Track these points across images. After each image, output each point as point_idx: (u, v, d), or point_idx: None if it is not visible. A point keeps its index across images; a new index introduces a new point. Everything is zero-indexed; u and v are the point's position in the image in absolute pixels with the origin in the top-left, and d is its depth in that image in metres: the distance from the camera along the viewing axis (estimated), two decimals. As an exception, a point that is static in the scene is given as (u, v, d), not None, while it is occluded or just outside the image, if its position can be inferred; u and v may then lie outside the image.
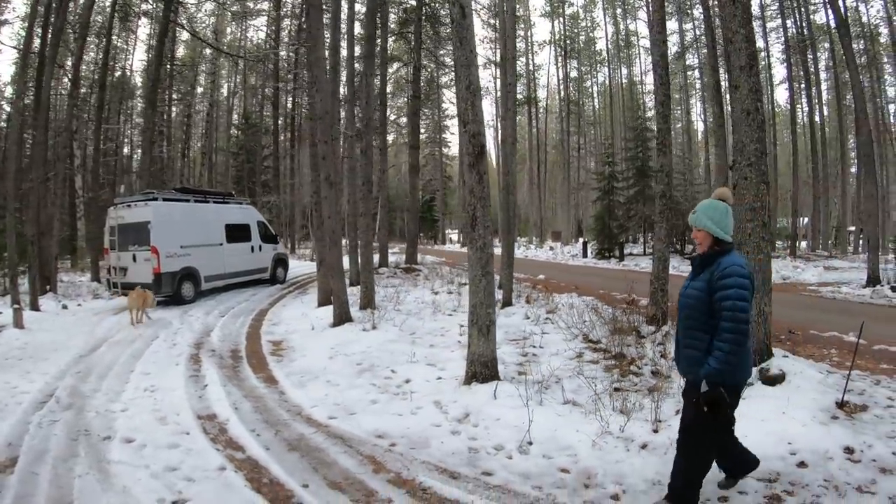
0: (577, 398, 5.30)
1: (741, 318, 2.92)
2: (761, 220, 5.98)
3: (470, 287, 5.90)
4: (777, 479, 3.77)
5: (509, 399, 5.22)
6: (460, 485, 3.84)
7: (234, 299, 13.63)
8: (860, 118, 16.91)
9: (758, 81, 6.14)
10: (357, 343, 8.17)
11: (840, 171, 31.47)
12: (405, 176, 47.46)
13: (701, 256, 3.22)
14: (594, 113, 49.05)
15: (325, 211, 10.35)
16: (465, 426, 4.85)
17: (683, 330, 3.28)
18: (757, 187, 5.93)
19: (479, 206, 5.68)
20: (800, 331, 8.75)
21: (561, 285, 15.76)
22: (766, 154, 6.10)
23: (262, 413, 5.40)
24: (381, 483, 3.88)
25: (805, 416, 4.57)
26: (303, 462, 4.25)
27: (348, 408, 5.44)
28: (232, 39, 40.09)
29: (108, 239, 13.23)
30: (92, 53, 29.40)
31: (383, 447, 4.50)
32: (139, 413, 5.33)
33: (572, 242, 41.85)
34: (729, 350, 2.93)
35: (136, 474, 4.01)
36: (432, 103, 40.49)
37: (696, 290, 3.16)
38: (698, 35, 31.63)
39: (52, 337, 9.26)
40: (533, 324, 9.23)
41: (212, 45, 31.02)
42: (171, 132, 35.94)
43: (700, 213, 3.20)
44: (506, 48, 11.66)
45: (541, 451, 4.29)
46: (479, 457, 4.29)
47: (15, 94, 18.01)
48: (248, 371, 7.12)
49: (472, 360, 5.84)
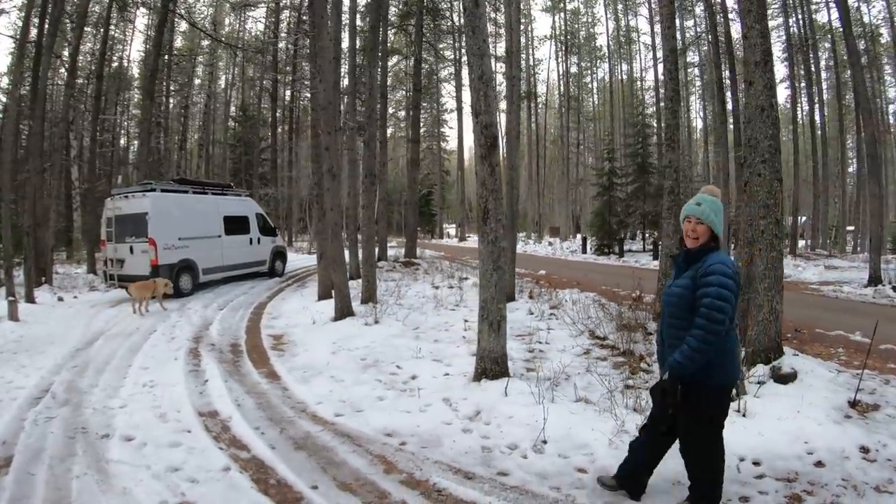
0: (590, 395, 5.19)
1: (716, 317, 2.84)
2: (774, 217, 5.92)
3: (481, 282, 5.77)
4: (796, 478, 3.71)
5: (521, 396, 5.10)
6: (476, 486, 3.70)
7: (233, 292, 13.46)
8: (864, 118, 16.89)
9: (772, 78, 6.07)
10: (360, 338, 8.02)
11: (840, 171, 31.48)
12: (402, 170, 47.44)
13: (688, 252, 3.13)
14: (593, 109, 48.99)
15: (326, 203, 10.19)
16: (477, 424, 4.71)
17: (668, 329, 3.19)
18: (770, 184, 5.86)
19: (492, 198, 5.53)
20: (806, 329, 8.71)
21: (563, 281, 15.66)
22: (779, 151, 6.02)
23: (266, 410, 5.24)
24: (393, 484, 3.73)
25: (820, 415, 4.52)
26: (310, 462, 4.09)
27: (354, 405, 5.29)
28: (230, 31, 39.80)
29: (105, 230, 13.05)
30: (89, 44, 29.14)
31: (393, 446, 4.35)
32: (138, 409, 5.15)
33: (570, 238, 41.84)
34: (696, 347, 2.85)
35: (137, 475, 3.83)
36: (431, 97, 40.30)
37: (680, 287, 3.07)
38: (700, 32, 31.50)
39: (48, 330, 9.10)
40: (538, 319, 9.14)
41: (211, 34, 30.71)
42: (168, 124, 35.67)
43: (706, 206, 3.09)
44: (511, 41, 11.50)
45: (556, 450, 4.16)
46: (493, 456, 4.15)
47: (11, 84, 17.76)
48: (250, 366, 6.96)
49: (481, 356, 5.72)
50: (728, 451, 3.90)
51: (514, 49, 11.58)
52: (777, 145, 5.97)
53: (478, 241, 5.97)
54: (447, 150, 55.95)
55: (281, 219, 33.26)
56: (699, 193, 3.17)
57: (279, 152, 36.61)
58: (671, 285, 3.19)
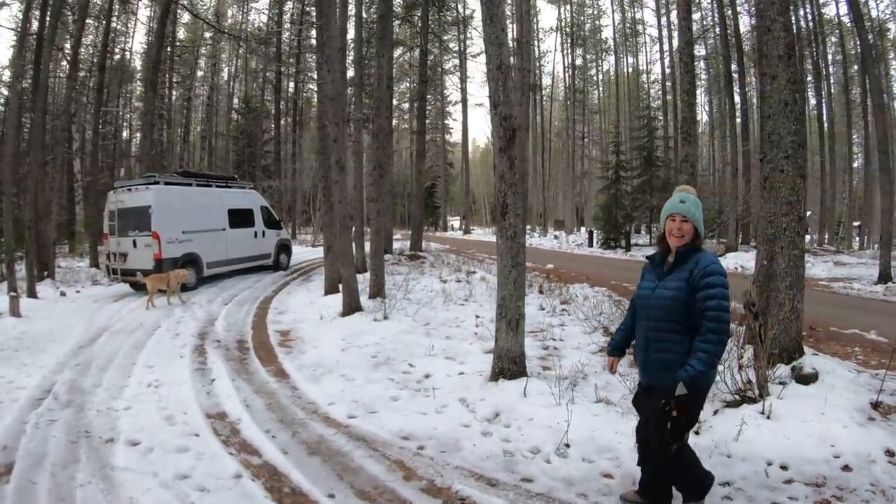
0: (610, 396, 5.04)
1: (725, 318, 2.78)
2: (797, 214, 5.78)
3: (499, 279, 5.60)
4: (824, 483, 3.61)
5: (540, 397, 4.95)
6: (500, 493, 3.53)
7: (238, 286, 13.31)
8: (876, 113, 16.67)
9: (796, 71, 5.94)
10: (370, 334, 7.87)
11: (847, 167, 31.28)
12: (406, 162, 47.34)
13: (672, 252, 3.01)
14: (599, 102, 48.73)
15: (334, 196, 10.01)
16: (497, 427, 4.56)
17: (652, 333, 3.03)
18: (794, 181, 5.73)
19: (510, 192, 5.34)
20: (820, 328, 8.55)
21: (571, 275, 15.49)
22: (803, 147, 5.86)
23: (276, 411, 5.07)
24: (413, 492, 3.56)
25: (844, 417, 4.39)
26: (325, 468, 3.91)
27: (368, 405, 5.12)
28: (233, 23, 39.56)
29: (108, 224, 12.87)
30: (91, 36, 28.93)
31: (411, 450, 4.18)
32: (144, 411, 4.97)
33: (575, 231, 41.68)
34: (714, 352, 2.78)
35: (144, 483, 3.64)
36: (435, 90, 40.09)
37: (671, 289, 2.93)
38: (707, 26, 31.24)
39: (50, 326, 8.95)
40: (549, 315, 9.01)
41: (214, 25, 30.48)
42: (171, 116, 35.51)
43: (690, 204, 2.97)
44: (521, 31, 11.30)
45: (580, 453, 4.01)
46: (515, 461, 3.99)
47: (13, 76, 17.60)
48: (257, 364, 6.80)
49: (499, 354, 5.55)
50: (755, 455, 3.89)
51: (525, 39, 11.36)
52: (801, 141, 5.85)
53: (496, 237, 5.80)
54: (451, 142, 55.76)
55: (284, 211, 33.12)
56: (677, 192, 3.06)
57: (283, 144, 36.45)
58: (655, 287, 3.04)
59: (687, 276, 2.87)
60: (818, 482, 3.62)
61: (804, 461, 3.82)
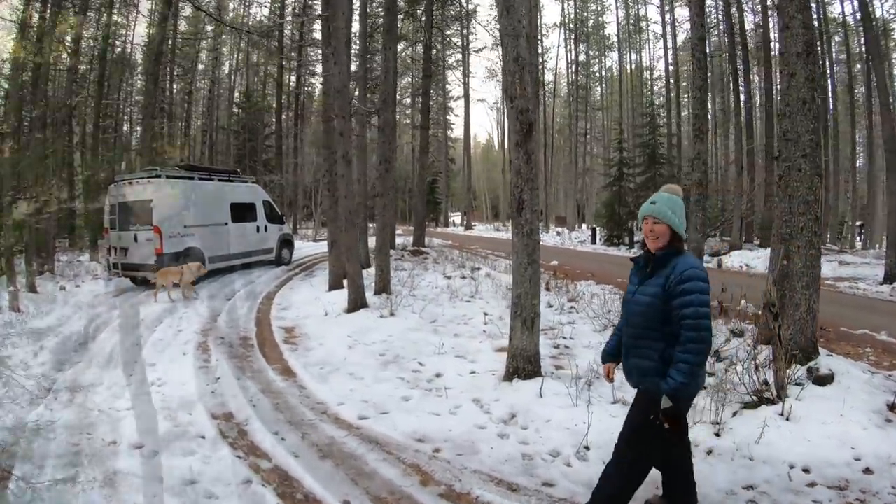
0: (626, 397, 4.89)
1: (704, 325, 2.68)
2: (815, 213, 5.71)
3: (514, 277, 5.49)
4: (847, 486, 3.58)
5: (556, 398, 4.84)
6: (522, 499, 3.42)
7: (240, 281, 13.18)
8: (883, 112, 16.55)
9: (815, 69, 5.88)
10: (376, 331, 7.74)
11: (851, 166, 31.19)
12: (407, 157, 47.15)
13: (653, 256, 2.90)
14: (601, 98, 48.55)
15: (340, 190, 9.86)
16: (514, 428, 4.44)
17: (632, 339, 2.97)
18: (811, 179, 5.66)
19: (527, 188, 5.22)
20: (830, 328, 8.45)
21: (576, 272, 15.37)
22: (820, 146, 5.77)
23: (284, 412, 4.94)
24: (432, 498, 3.43)
25: (862, 418, 4.40)
26: (339, 472, 3.78)
27: (379, 406, 4.99)
28: (235, 16, 39.30)
29: (108, 218, 12.72)
30: (92, 28, 28.71)
31: (427, 453, 4.06)
32: (147, 411, 4.82)
33: (577, 228, 41.57)
34: (695, 361, 2.69)
35: (150, 489, 3.48)
36: (437, 85, 39.89)
37: (648, 295, 2.85)
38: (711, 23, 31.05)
39: (50, 322, 8.77)
40: (557, 312, 8.90)
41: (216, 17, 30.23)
42: (172, 109, 35.29)
43: (661, 203, 2.87)
44: (530, 26, 11.12)
45: (600, 456, 3.87)
46: (534, 464, 3.88)
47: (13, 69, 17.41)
48: (262, 361, 6.67)
49: (513, 354, 5.44)
50: (777, 458, 3.86)
51: (532, 34, 11.21)
52: (818, 139, 5.79)
53: (511, 234, 5.71)
54: (452, 137, 55.66)
55: (285, 206, 33.00)
56: (658, 192, 2.97)
57: (284, 138, 36.29)
58: (635, 292, 2.96)
59: (663, 282, 2.79)
60: (841, 485, 3.58)
61: (826, 464, 3.77)
